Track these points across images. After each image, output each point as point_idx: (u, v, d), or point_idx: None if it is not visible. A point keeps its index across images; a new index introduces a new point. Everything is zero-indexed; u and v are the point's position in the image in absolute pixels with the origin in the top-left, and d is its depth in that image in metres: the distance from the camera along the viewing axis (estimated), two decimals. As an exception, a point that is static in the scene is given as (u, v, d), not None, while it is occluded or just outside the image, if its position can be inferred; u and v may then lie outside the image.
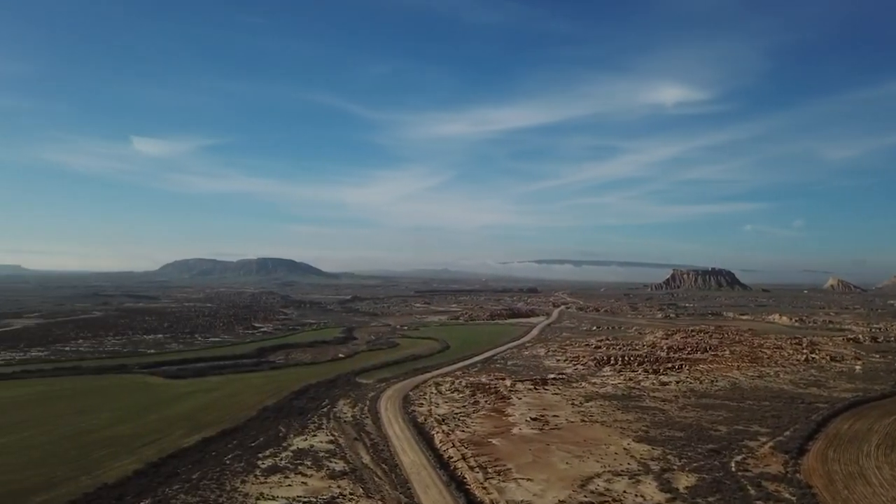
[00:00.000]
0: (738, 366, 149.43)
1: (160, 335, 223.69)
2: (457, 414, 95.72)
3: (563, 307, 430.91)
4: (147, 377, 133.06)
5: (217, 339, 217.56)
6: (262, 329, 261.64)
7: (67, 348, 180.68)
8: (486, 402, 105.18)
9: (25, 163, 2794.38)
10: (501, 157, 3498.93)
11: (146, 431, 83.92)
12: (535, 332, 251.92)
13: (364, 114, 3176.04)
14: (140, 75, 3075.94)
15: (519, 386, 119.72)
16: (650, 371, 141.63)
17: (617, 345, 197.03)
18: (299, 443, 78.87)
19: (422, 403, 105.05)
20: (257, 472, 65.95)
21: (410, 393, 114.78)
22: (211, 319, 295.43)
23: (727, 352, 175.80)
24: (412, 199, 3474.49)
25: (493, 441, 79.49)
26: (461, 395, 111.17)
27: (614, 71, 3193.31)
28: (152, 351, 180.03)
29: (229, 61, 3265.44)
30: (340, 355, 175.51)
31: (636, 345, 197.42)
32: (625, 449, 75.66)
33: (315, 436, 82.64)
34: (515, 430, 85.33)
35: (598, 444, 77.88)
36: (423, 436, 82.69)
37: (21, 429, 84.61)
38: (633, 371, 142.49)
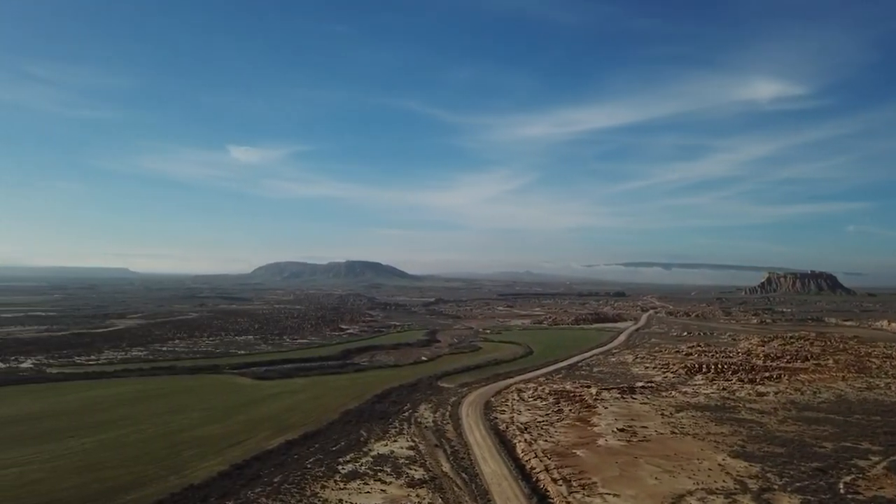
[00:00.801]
0: (844, 376, 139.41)
1: (251, 336, 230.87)
2: (540, 422, 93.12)
3: (651, 312, 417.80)
4: (237, 378, 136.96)
5: (305, 341, 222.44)
6: (348, 331, 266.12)
7: (165, 348, 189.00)
8: (570, 410, 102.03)
9: (130, 172, 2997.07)
10: (586, 158, 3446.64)
11: (233, 432, 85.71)
12: (622, 337, 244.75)
13: (448, 118, 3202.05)
14: (235, 86, 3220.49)
15: (605, 394, 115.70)
16: (746, 380, 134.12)
17: (709, 352, 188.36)
18: (379, 448, 78.45)
19: (504, 410, 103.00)
20: (337, 478, 65.74)
21: (492, 399, 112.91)
22: (299, 321, 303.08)
23: (830, 361, 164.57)
24: (495, 201, 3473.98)
25: (578, 452, 76.55)
26: (544, 403, 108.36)
27: (704, 67, 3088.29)
28: (243, 352, 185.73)
29: (318, 70, 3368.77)
30: (423, 358, 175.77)
31: (730, 352, 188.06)
32: (719, 465, 71.10)
33: (395, 441, 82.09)
34: (601, 442, 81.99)
35: (689, 458, 73.62)
36: (504, 444, 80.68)
37: (118, 426, 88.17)
38: (727, 380, 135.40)
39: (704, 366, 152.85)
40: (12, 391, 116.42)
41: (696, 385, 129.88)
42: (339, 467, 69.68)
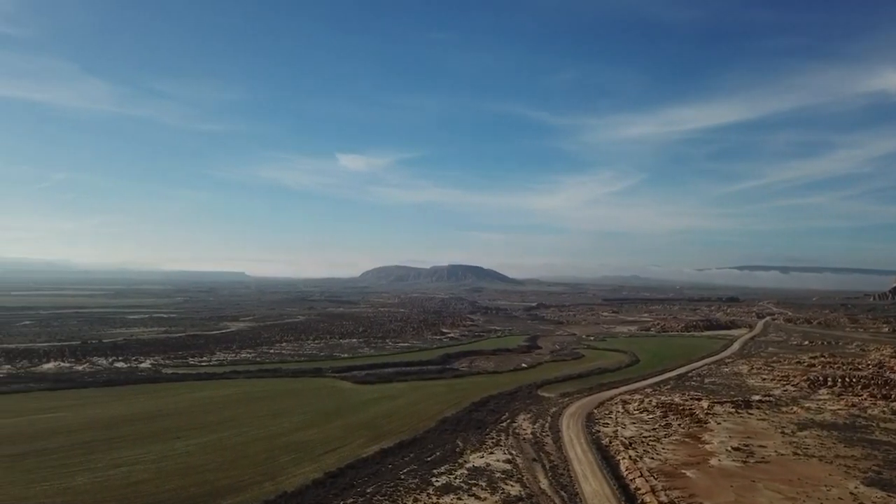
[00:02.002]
0: None
1: (354, 339, 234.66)
2: (646, 437, 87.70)
3: (768, 318, 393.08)
4: (338, 381, 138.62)
5: (406, 344, 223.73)
6: (449, 335, 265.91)
7: (272, 350, 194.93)
8: (679, 425, 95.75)
9: (246, 181, 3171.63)
10: (696, 158, 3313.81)
11: (330, 438, 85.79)
12: (735, 346, 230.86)
13: (550, 120, 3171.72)
14: (344, 96, 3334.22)
15: (718, 408, 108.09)
16: (878, 396, 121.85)
17: (835, 363, 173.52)
18: (475, 460, 75.98)
19: (607, 423, 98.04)
20: (430, 491, 63.79)
21: (595, 410, 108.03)
22: (402, 324, 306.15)
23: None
24: (599, 203, 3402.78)
25: (688, 473, 70.99)
26: (651, 417, 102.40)
27: (825, 58, 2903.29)
28: (346, 355, 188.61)
29: (422, 78, 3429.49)
30: (523, 365, 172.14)
31: (859, 363, 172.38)
32: (851, 493, 63.78)
33: (492, 453, 79.34)
34: (714, 462, 75.85)
35: (815, 484, 66.55)
36: (607, 461, 76.20)
37: (222, 428, 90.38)
38: (856, 395, 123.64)
39: (830, 379, 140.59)
40: (131, 390, 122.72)
41: (820, 400, 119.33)
42: (433, 479, 67.75)
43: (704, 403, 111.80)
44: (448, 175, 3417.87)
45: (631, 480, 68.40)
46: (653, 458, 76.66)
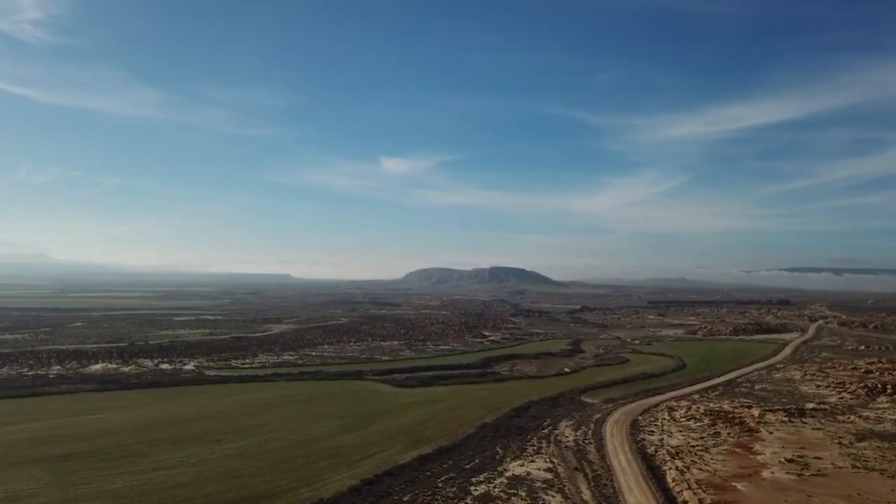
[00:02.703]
0: None
1: (396, 342, 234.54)
2: (693, 447, 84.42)
3: (821, 322, 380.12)
4: (378, 384, 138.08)
5: (447, 347, 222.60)
6: (490, 338, 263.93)
7: (314, 353, 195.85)
8: (728, 434, 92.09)
9: (293, 184, 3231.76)
10: (743, 157, 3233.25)
11: (368, 443, 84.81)
12: (787, 350, 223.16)
13: (593, 121, 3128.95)
14: (387, 100, 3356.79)
15: (769, 416, 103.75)
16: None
17: (894, 369, 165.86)
18: (515, 468, 74.00)
19: (652, 431, 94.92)
20: (468, 500, 62.15)
21: (640, 417, 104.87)
22: (443, 327, 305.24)
23: None
24: (643, 204, 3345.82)
25: (738, 486, 67.75)
26: (699, 424, 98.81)
27: (881, 53, 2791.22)
28: (386, 358, 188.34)
29: (465, 80, 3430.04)
30: (566, 369, 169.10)
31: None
32: (916, 511, 59.90)
33: (532, 461, 77.25)
34: (766, 474, 72.33)
35: (877, 500, 62.75)
36: (653, 471, 73.34)
37: (261, 432, 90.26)
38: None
39: (889, 386, 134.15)
40: (174, 392, 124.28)
41: (879, 409, 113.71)
42: (472, 488, 66.04)
43: (755, 411, 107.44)
44: (490, 177, 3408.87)
45: (678, 493, 65.61)
46: (701, 469, 73.55)
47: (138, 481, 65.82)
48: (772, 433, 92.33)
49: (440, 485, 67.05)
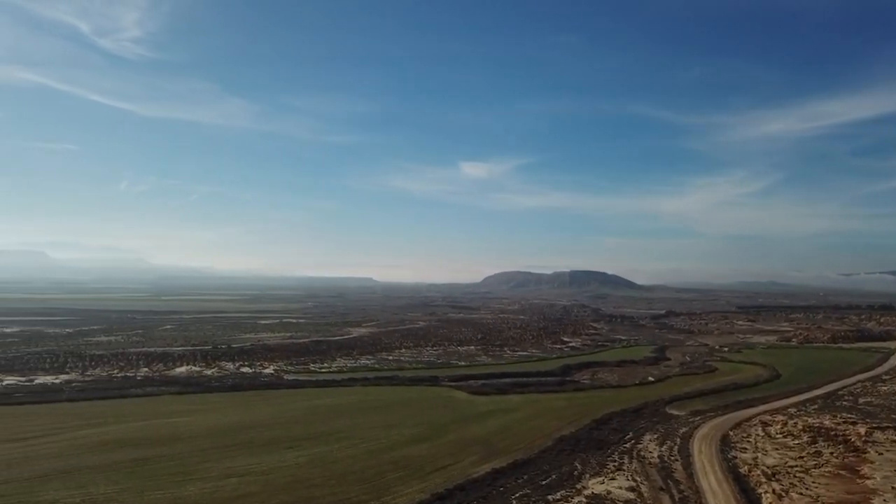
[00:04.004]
0: None
1: (472, 347, 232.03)
2: (792, 467, 77.60)
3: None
4: (453, 391, 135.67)
5: (525, 353, 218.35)
6: (570, 344, 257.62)
7: (391, 357, 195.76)
8: (831, 453, 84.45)
9: (376, 190, 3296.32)
10: (839, 154, 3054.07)
11: (440, 454, 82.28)
12: (893, 360, 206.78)
13: (676, 119, 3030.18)
14: (466, 105, 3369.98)
15: (878, 435, 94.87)
16: None
17: None
18: (595, 486, 69.71)
19: (745, 448, 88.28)
20: (543, 521, 58.52)
21: (731, 433, 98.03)
22: (521, 332, 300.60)
23: None
24: (731, 205, 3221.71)
25: (845, 514, 61.32)
26: (797, 442, 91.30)
27: None
28: (463, 363, 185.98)
29: (543, 82, 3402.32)
30: (650, 378, 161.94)
31: None
32: None
33: (613, 479, 72.65)
34: (877, 502, 65.28)
35: None
36: (746, 494, 67.52)
37: (334, 439, 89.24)
38: None
39: None
40: (252, 396, 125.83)
41: None
42: (547, 507, 62.36)
43: (861, 429, 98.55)
44: (570, 179, 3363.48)
45: (776, 520, 59.85)
46: (801, 494, 67.16)
47: (209, 488, 65.51)
48: (881, 454, 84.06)
49: (514, 502, 63.68)
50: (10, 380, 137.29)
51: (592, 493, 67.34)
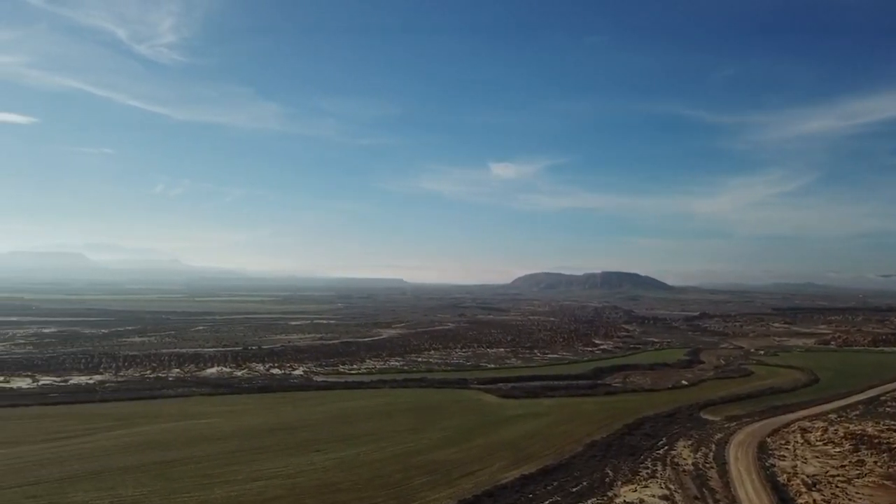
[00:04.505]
0: None
1: (502, 349, 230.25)
2: (833, 477, 74.78)
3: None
4: (482, 394, 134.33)
5: (555, 356, 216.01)
6: (601, 346, 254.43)
7: (420, 359, 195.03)
8: (875, 463, 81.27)
9: (407, 191, 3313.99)
10: (880, 153, 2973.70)
11: (469, 458, 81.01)
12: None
13: (710, 119, 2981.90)
14: (495, 105, 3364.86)
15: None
16: None
17: None
18: (626, 493, 67.83)
19: (784, 456, 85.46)
20: (574, 530, 56.92)
21: (768, 439, 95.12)
22: (552, 334, 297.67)
23: None
24: (766, 205, 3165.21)
25: (891, 527, 58.62)
26: (838, 450, 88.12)
27: None
28: (492, 366, 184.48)
29: (574, 82, 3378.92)
30: (683, 382, 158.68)
31: None
32: None
33: (646, 487, 70.67)
34: (925, 514, 62.43)
35: None
36: (785, 504, 65.16)
37: (361, 442, 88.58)
38: None
39: None
40: (281, 398, 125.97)
41: None
42: (578, 516, 60.74)
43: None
44: (600, 180, 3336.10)
45: (817, 532, 57.45)
46: (844, 505, 64.55)
47: (235, 492, 65.16)
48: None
49: (543, 510, 62.21)
50: (46, 380, 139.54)
51: (624, 501, 65.56)
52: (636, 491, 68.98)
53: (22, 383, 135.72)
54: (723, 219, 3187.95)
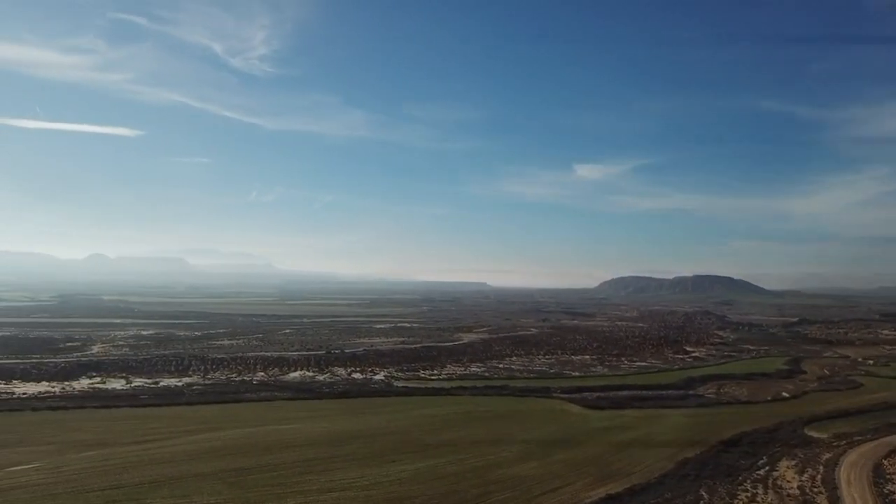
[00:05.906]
0: None
1: (587, 356, 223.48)
2: (965, 509, 66.32)
3: None
4: (566, 404, 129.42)
5: (643, 364, 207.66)
6: (693, 354, 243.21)
7: (501, 365, 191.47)
8: None
9: (491, 195, 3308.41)
10: None
11: (550, 474, 76.91)
12: None
13: (810, 114, 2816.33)
14: (579, 106, 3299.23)
15: None
16: None
17: None
18: (724, 520, 62.12)
19: (904, 482, 76.92)
20: (664, 561, 52.09)
21: (884, 462, 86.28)
22: (640, 341, 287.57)
23: None
24: (872, 204, 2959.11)
25: None
26: (969, 477, 78.64)
27: None
28: (577, 374, 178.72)
29: (661, 80, 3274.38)
30: (784, 394, 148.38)
31: None
32: None
33: (746, 513, 64.67)
34: None
35: None
36: (909, 540, 57.85)
37: (439, 453, 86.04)
38: None
39: None
40: (361, 404, 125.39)
41: None
42: (669, 544, 55.77)
43: None
44: (691, 180, 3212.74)
45: (950, 576, 50.27)
46: (981, 544, 56.62)
47: (308, 503, 63.79)
48: None
49: (630, 536, 57.56)
50: (138, 381, 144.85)
51: (721, 529, 59.93)
52: (734, 517, 63.15)
53: (117, 384, 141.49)
54: (824, 219, 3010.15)
